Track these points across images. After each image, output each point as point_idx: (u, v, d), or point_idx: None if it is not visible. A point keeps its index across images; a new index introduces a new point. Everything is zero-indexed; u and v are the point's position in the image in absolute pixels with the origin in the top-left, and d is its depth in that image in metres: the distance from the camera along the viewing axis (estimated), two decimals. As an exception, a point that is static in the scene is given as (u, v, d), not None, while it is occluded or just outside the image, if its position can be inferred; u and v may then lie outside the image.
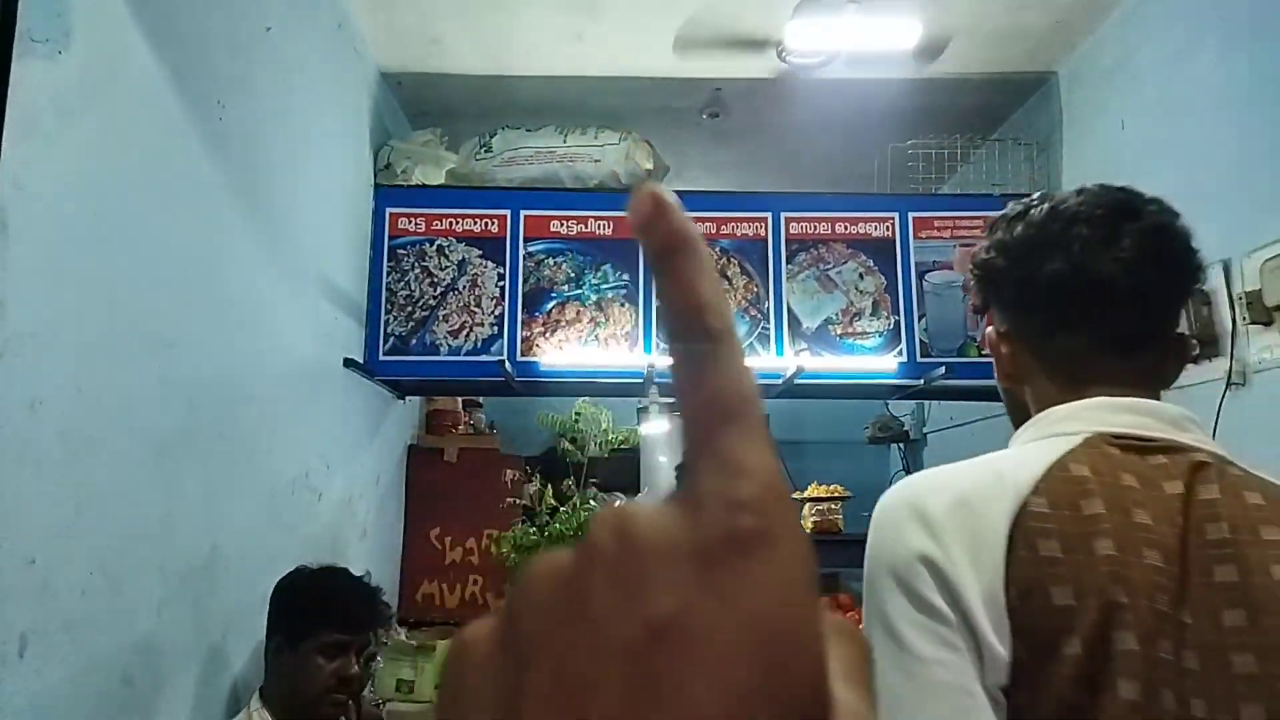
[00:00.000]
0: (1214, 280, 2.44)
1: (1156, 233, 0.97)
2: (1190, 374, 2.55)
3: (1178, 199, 2.67)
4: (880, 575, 0.84)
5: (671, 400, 2.46)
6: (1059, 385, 0.98)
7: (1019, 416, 1.04)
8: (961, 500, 0.84)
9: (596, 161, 3.34)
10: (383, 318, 3.21)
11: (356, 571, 2.08)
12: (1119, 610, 0.77)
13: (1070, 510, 0.82)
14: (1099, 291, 0.95)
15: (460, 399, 4.31)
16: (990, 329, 1.08)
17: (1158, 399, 0.98)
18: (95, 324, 1.57)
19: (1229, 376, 2.35)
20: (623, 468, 4.82)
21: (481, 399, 4.48)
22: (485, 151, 3.40)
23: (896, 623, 0.81)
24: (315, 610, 1.88)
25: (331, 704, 1.86)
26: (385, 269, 3.23)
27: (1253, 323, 2.27)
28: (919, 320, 3.29)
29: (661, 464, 4.94)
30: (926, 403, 4.73)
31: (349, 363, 2.95)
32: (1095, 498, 0.83)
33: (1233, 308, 2.36)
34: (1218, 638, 0.77)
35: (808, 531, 2.96)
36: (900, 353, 3.28)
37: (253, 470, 2.23)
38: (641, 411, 4.03)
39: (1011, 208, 1.06)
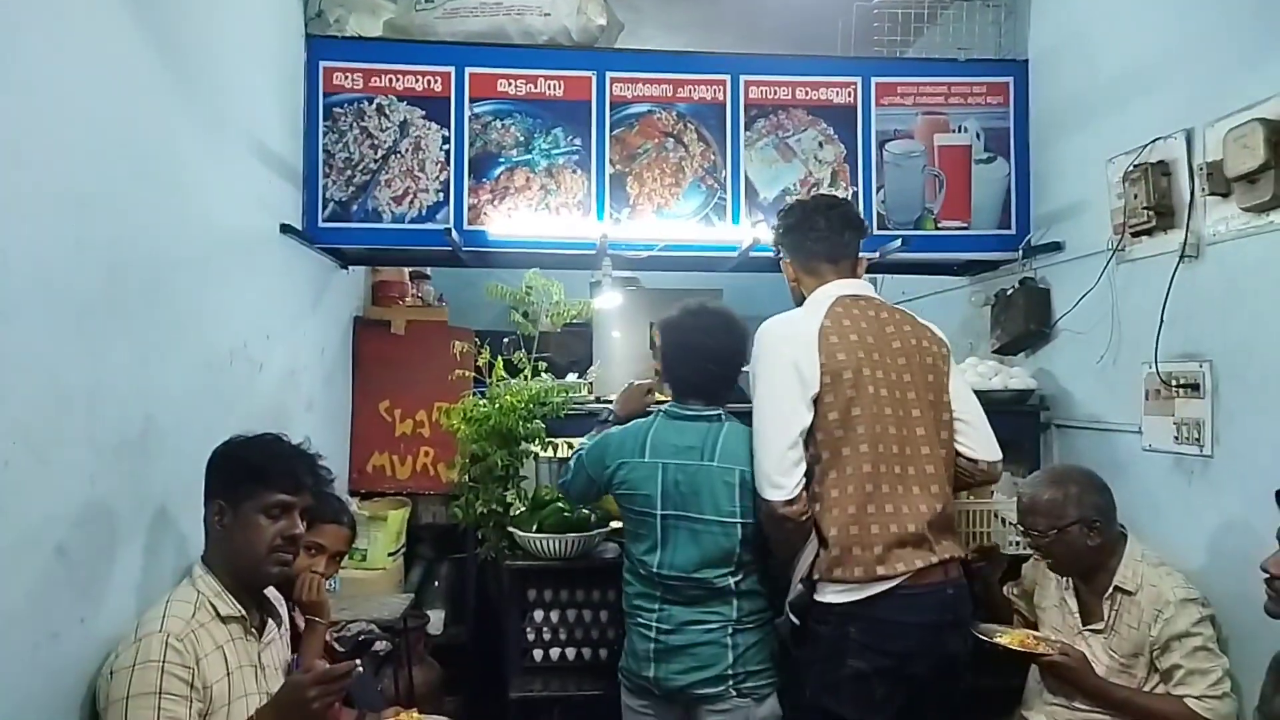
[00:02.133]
0: (1175, 150, 2.40)
1: (844, 214, 2.23)
2: (1143, 247, 2.56)
3: (1143, 65, 2.62)
4: (766, 359, 2.06)
5: (627, 274, 2.32)
6: (815, 281, 2.18)
7: (799, 299, 2.22)
8: (795, 327, 2.08)
9: (546, 15, 3.13)
10: (321, 182, 3.04)
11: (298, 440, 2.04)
12: (862, 360, 2.01)
13: (836, 325, 2.05)
14: (826, 241, 2.18)
15: (407, 270, 4.19)
16: (785, 265, 2.26)
17: (857, 278, 2.20)
18: (-5, 178, 1.43)
19: (1183, 249, 2.34)
20: (575, 342, 4.79)
21: (429, 270, 4.37)
22: (427, 1, 3.16)
23: (772, 375, 2.04)
24: (257, 472, 1.84)
25: (277, 562, 1.84)
26: (321, 129, 3.05)
27: (1211, 194, 2.24)
28: (877, 192, 3.23)
29: (614, 339, 4.90)
30: (879, 278, 4.73)
31: (286, 229, 2.81)
32: (845, 319, 2.06)
33: (1192, 179, 2.33)
34: (894, 368, 2.05)
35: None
36: (857, 225, 3.22)
37: (186, 339, 2.13)
38: (595, 285, 3.96)
39: (788, 213, 2.28)
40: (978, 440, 2.13)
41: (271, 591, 2.02)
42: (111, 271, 1.79)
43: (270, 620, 1.96)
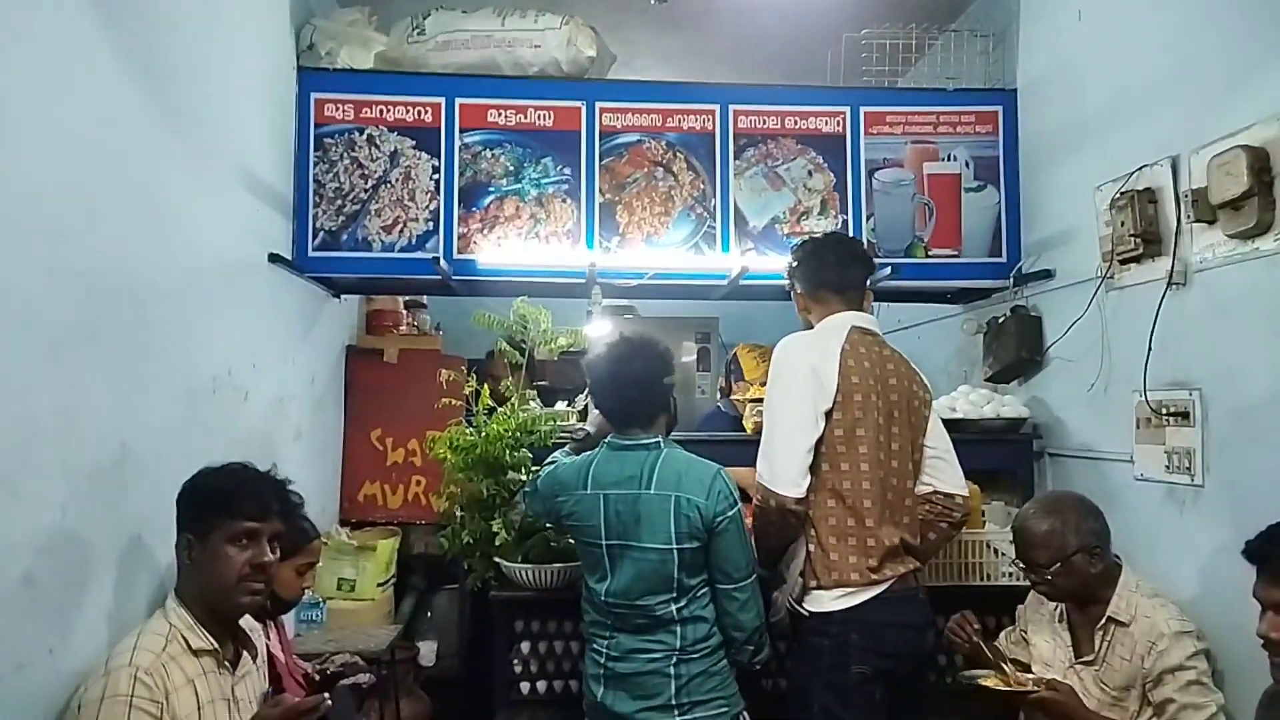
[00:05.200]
0: (1161, 178, 2.40)
1: (853, 249, 2.42)
2: (1131, 274, 2.55)
3: (1129, 93, 2.62)
4: (788, 367, 2.19)
5: (623, 302, 2.42)
6: (824, 310, 2.31)
7: (807, 327, 2.35)
8: (817, 343, 2.23)
9: (536, 47, 3.16)
10: (311, 211, 3.06)
11: (292, 470, 2.03)
12: (870, 387, 2.16)
13: (854, 350, 2.18)
14: (835, 273, 2.32)
15: (402, 299, 4.19)
16: (797, 295, 2.40)
17: (864, 312, 2.33)
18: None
19: (1170, 276, 2.33)
20: (573, 370, 4.78)
21: (426, 299, 4.37)
22: (418, 34, 3.20)
23: (793, 382, 2.16)
24: (222, 501, 1.81)
25: (247, 592, 1.82)
26: (312, 159, 3.06)
27: (1197, 221, 2.23)
28: (867, 220, 3.23)
29: (610, 366, 4.89)
30: (877, 305, 4.72)
31: (275, 258, 2.82)
32: (861, 347, 2.20)
33: (1178, 206, 2.32)
34: (888, 403, 2.20)
35: (749, 431, 2.95)
36: (847, 253, 3.21)
37: (167, 367, 2.13)
38: (590, 314, 3.96)
39: (800, 249, 2.42)
40: (953, 475, 2.30)
41: (248, 621, 2.00)
42: (90, 299, 1.79)
43: (245, 653, 1.93)
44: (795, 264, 2.39)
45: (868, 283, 2.39)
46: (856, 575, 2.09)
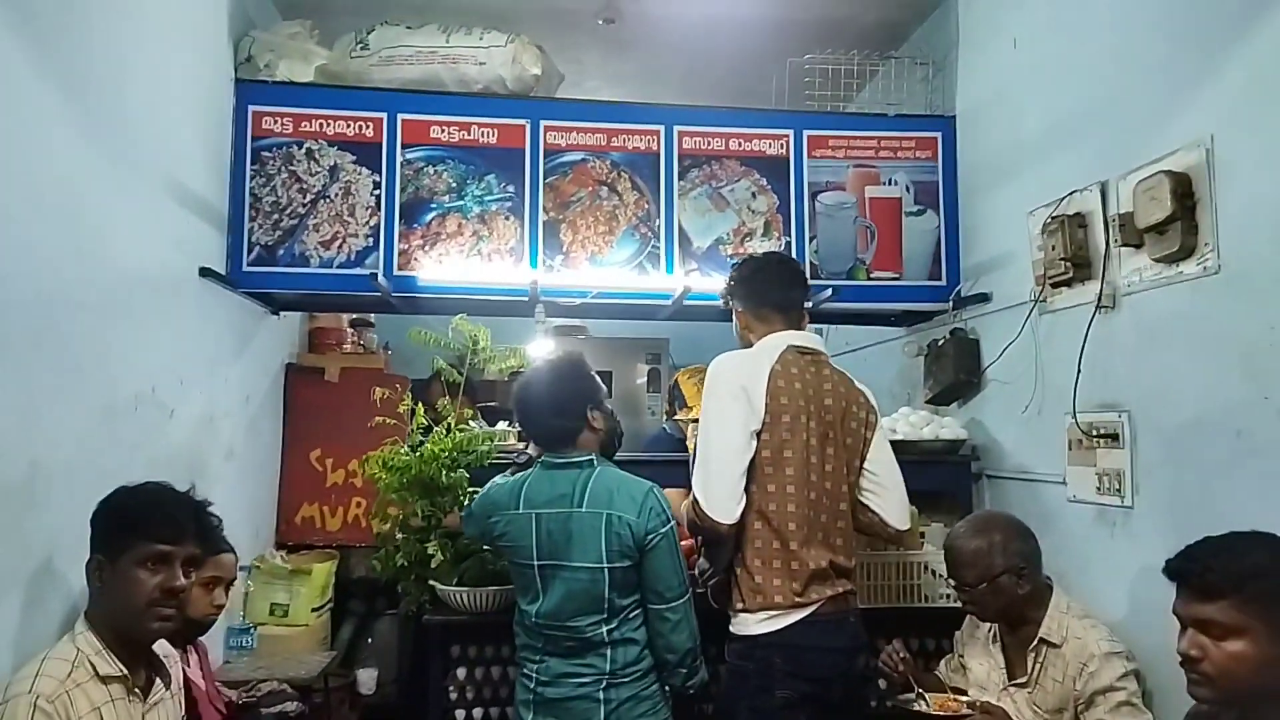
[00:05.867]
0: (1090, 203, 2.44)
1: (793, 269, 2.45)
2: (1063, 297, 2.59)
3: (1062, 120, 2.67)
4: (720, 388, 2.17)
5: (574, 322, 2.54)
6: (765, 328, 2.29)
7: (747, 346, 2.32)
8: (748, 363, 2.21)
9: (481, 64, 3.14)
10: (246, 225, 2.99)
11: (223, 490, 1.95)
12: (801, 408, 2.15)
13: (785, 371, 2.17)
14: (777, 292, 2.32)
15: (347, 317, 4.12)
16: (738, 313, 2.36)
17: (802, 330, 2.32)
18: None
19: (1099, 299, 2.37)
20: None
21: (374, 318, 4.30)
22: (362, 49, 3.16)
23: (724, 402, 2.15)
24: (133, 523, 1.74)
25: (157, 618, 1.74)
26: (248, 172, 3.00)
27: (1124, 245, 2.27)
28: (810, 241, 3.25)
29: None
30: (825, 328, 4.75)
31: (206, 272, 2.75)
32: (793, 368, 2.19)
33: (1107, 230, 2.36)
34: (822, 423, 2.18)
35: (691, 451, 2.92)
36: (790, 274, 3.23)
37: (82, 382, 2.05)
38: (539, 332, 3.92)
39: (741, 267, 2.42)
40: (892, 505, 2.28)
41: (163, 647, 1.92)
42: (-4, 310, 1.72)
43: (158, 679, 1.85)
44: (734, 283, 2.37)
45: (806, 303, 2.39)
46: (780, 598, 2.07)
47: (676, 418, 3.41)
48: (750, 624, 2.10)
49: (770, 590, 2.08)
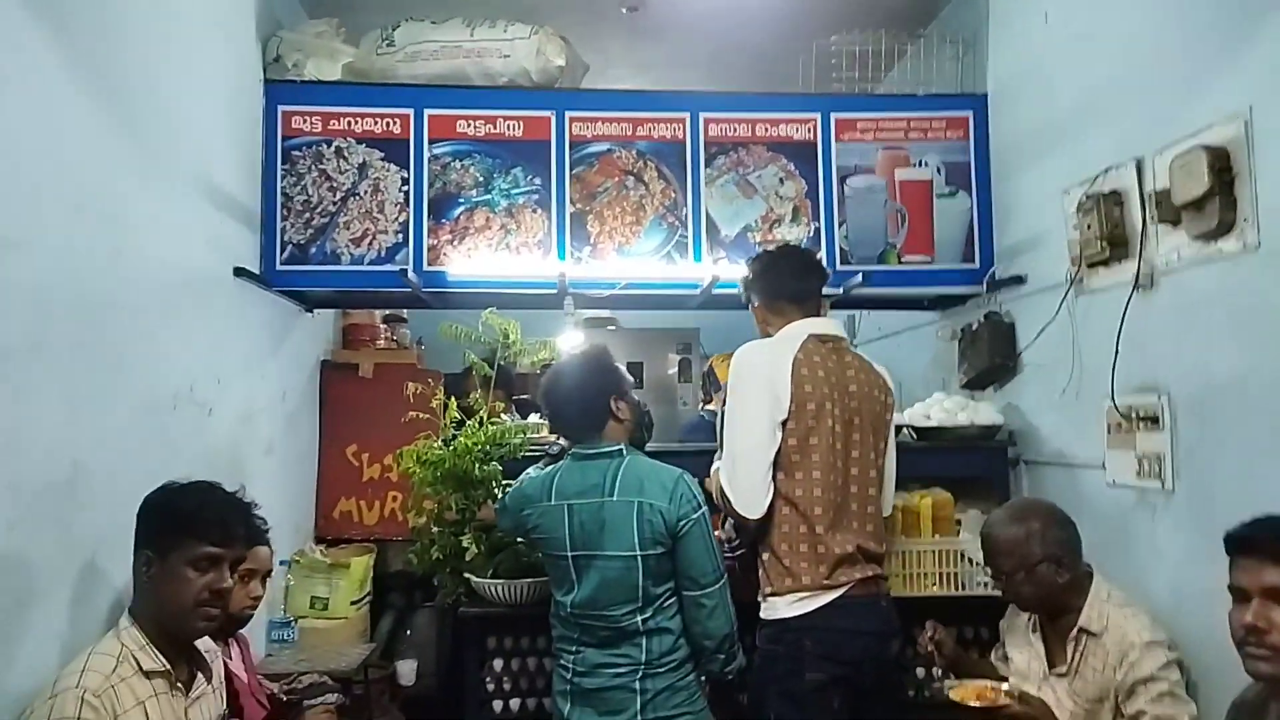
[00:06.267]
0: (1126, 179, 2.38)
1: (807, 259, 2.45)
2: (1099, 277, 2.53)
3: (1096, 95, 2.61)
4: (744, 380, 2.19)
5: (604, 313, 2.67)
6: (782, 321, 2.31)
7: (766, 334, 2.36)
8: (770, 354, 2.22)
9: (506, 57, 3.14)
10: (279, 225, 3.03)
11: (263, 486, 1.99)
12: (825, 395, 2.16)
13: (808, 359, 2.18)
14: (792, 284, 2.35)
15: (380, 313, 4.16)
16: (755, 308, 2.41)
17: (821, 316, 2.34)
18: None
19: (1136, 279, 2.31)
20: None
21: (406, 314, 4.34)
22: (387, 45, 3.18)
23: (749, 395, 2.17)
24: (185, 523, 1.78)
25: (204, 617, 1.78)
26: (279, 172, 3.04)
27: (1161, 222, 2.22)
28: (839, 227, 3.21)
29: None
30: (857, 313, 4.71)
31: (241, 272, 2.79)
32: (815, 356, 2.20)
33: (1143, 208, 2.31)
34: (846, 410, 2.19)
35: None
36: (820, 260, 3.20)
37: (123, 382, 2.09)
38: (568, 324, 3.94)
39: (755, 262, 2.46)
40: (888, 493, 2.39)
41: (205, 643, 1.96)
42: (38, 313, 1.76)
43: (200, 674, 1.89)
44: (750, 277, 2.42)
45: (823, 291, 2.42)
46: (809, 580, 2.11)
47: (710, 406, 3.41)
48: (780, 607, 2.13)
49: (799, 572, 2.12)
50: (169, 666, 1.77)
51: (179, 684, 1.80)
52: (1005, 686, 2.11)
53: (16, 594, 1.70)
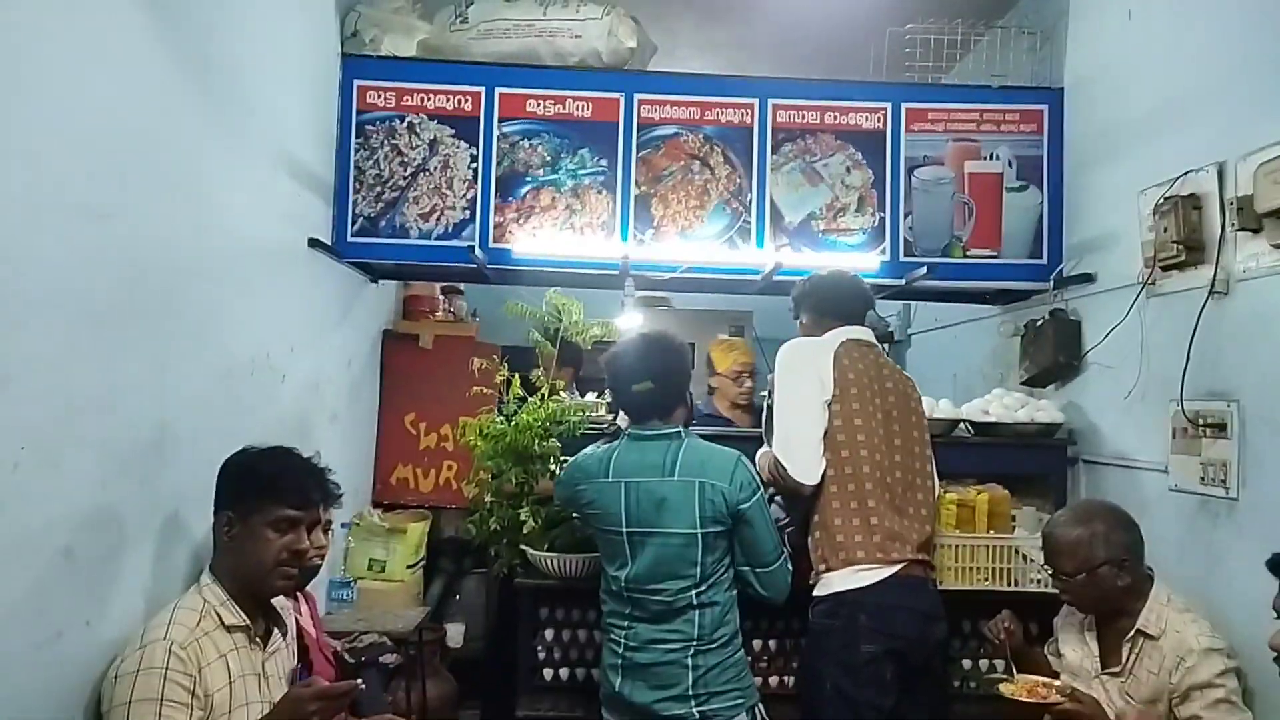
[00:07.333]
0: (1206, 184, 2.34)
1: (855, 283, 2.59)
2: (1172, 281, 2.50)
3: (1178, 96, 2.56)
4: (792, 367, 2.38)
5: (658, 294, 2.74)
6: (824, 328, 2.46)
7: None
8: (815, 344, 2.41)
9: (577, 38, 3.16)
10: (351, 197, 3.10)
11: (327, 452, 2.06)
12: (865, 385, 2.33)
13: (847, 354, 2.37)
14: (839, 304, 2.52)
15: (439, 285, 4.23)
16: (802, 324, 2.58)
17: (864, 326, 2.50)
18: (14, 191, 1.48)
19: (1212, 284, 2.28)
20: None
21: (463, 286, 4.41)
22: (461, 22, 3.21)
23: (797, 378, 2.35)
24: (266, 486, 1.87)
25: (283, 576, 1.87)
26: (353, 146, 3.10)
27: (1241, 229, 2.18)
28: (904, 218, 3.19)
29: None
30: (912, 304, 4.67)
31: (314, 243, 2.87)
32: (854, 352, 2.38)
33: (1223, 213, 2.27)
34: (885, 403, 2.36)
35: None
36: (884, 251, 3.19)
37: (205, 347, 2.17)
38: (623, 305, 3.96)
39: (805, 283, 2.60)
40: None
41: (280, 600, 2.04)
42: (129, 279, 1.83)
43: (276, 629, 1.98)
44: (799, 295, 2.59)
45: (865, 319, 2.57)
46: (863, 554, 2.22)
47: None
48: (834, 582, 2.23)
49: (852, 545, 2.23)
50: (248, 621, 1.86)
51: (257, 638, 1.89)
52: (1057, 684, 2.12)
53: (109, 547, 1.79)
